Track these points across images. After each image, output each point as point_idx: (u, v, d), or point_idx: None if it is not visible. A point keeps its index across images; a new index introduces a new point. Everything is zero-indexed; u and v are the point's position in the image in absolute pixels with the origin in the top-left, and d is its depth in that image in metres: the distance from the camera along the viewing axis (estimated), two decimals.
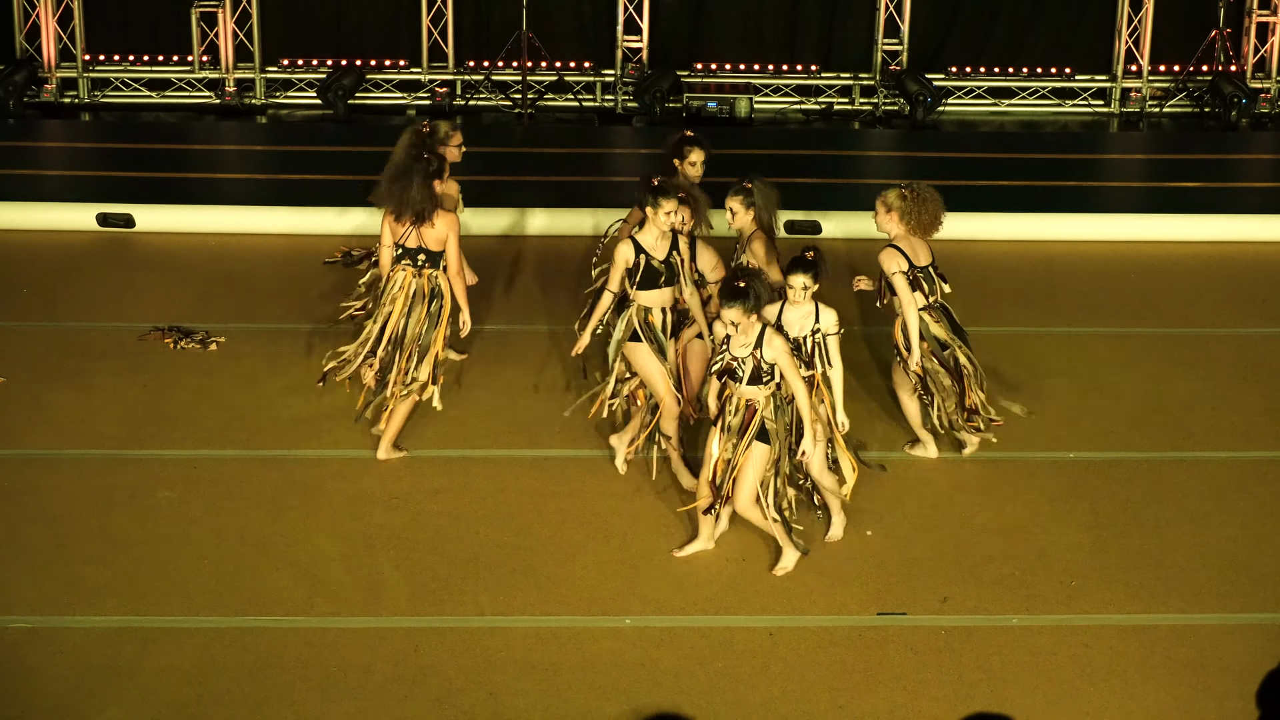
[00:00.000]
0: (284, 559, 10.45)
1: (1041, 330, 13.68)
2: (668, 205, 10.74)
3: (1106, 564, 10.55)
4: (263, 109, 19.35)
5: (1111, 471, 11.61)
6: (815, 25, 19.72)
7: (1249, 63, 19.46)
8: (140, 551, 10.49)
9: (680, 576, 10.33)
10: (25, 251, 14.91)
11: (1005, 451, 11.79)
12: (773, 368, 10.10)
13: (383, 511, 10.97)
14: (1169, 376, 12.97)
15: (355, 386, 11.54)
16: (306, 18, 19.54)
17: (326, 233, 15.25)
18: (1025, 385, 12.68)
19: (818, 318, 10.47)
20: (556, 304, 13.94)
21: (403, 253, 11.16)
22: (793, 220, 15.11)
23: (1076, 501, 11.23)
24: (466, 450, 11.72)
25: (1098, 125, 19.48)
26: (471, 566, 10.41)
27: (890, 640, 9.80)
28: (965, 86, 19.67)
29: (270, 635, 9.72)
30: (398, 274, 11.18)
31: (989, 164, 17.55)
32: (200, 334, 13.23)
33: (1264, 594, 10.28)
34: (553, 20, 19.47)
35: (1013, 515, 11.06)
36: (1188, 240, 15.56)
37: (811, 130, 19.15)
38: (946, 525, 10.94)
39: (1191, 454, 11.87)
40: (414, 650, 9.61)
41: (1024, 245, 15.46)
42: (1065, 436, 12.04)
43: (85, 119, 19.08)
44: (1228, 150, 18.40)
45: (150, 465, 11.47)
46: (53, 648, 9.55)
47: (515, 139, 18.36)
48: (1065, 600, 10.19)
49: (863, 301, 12.97)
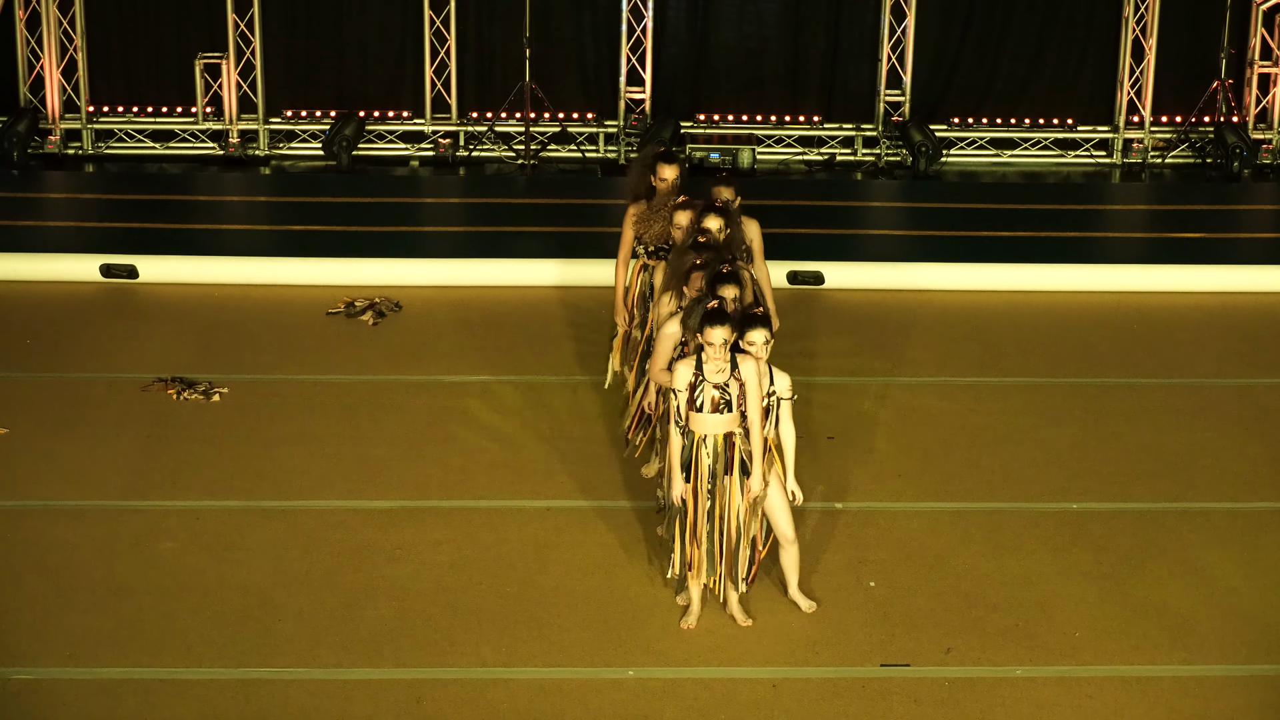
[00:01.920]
0: (286, 610, 10.43)
1: (1044, 380, 13.67)
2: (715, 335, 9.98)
3: (1110, 615, 10.52)
4: (266, 160, 19.40)
5: (1115, 522, 11.59)
6: (817, 76, 19.76)
7: (1251, 113, 19.51)
8: (142, 602, 10.47)
9: (683, 628, 10.31)
10: (28, 302, 14.93)
11: (1008, 502, 11.78)
12: (741, 392, 9.92)
13: (385, 562, 10.96)
14: (1172, 426, 12.96)
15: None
16: (310, 69, 19.60)
17: (330, 283, 15.27)
18: (1028, 435, 12.67)
19: (772, 380, 10.12)
20: (558, 354, 13.94)
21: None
22: (795, 271, 15.13)
23: (1080, 552, 11.21)
24: (469, 501, 11.71)
25: (1100, 176, 19.51)
26: (474, 618, 10.39)
27: (893, 692, 9.78)
28: (967, 137, 19.71)
29: (272, 687, 9.70)
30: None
31: (991, 214, 17.57)
32: (203, 385, 13.23)
33: (1269, 645, 10.25)
34: (556, 71, 19.53)
35: (1016, 566, 11.04)
36: (1190, 290, 15.57)
37: (814, 181, 19.18)
38: (950, 576, 10.91)
39: (1195, 505, 11.86)
40: (416, 702, 9.59)
41: (1026, 295, 15.47)
42: (1068, 487, 12.02)
43: (89, 170, 19.12)
44: (1230, 201, 18.42)
45: (152, 516, 11.46)
46: (54, 699, 9.53)
47: (518, 189, 18.39)
48: (1069, 652, 10.16)
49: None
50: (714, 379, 9.87)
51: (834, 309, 14.12)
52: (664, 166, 11.75)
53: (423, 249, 15.94)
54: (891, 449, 12.22)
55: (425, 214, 17.68)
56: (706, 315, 9.76)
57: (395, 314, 14.66)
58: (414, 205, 17.84)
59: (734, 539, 10.12)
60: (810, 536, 11.06)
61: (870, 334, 14.13)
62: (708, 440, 9.98)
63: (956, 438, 12.66)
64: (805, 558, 10.69)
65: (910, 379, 13.50)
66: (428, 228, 17.02)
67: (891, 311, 14.83)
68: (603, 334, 13.76)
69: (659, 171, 11.76)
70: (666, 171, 11.74)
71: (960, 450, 12.48)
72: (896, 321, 14.63)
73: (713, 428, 9.95)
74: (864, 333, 14.29)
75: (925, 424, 12.76)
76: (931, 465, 12.20)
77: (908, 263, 15.79)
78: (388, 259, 15.54)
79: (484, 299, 14.89)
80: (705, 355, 9.83)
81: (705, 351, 9.81)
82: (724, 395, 9.89)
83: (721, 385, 9.87)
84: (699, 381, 9.89)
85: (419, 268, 15.43)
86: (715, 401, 9.90)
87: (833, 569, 10.87)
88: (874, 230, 17.27)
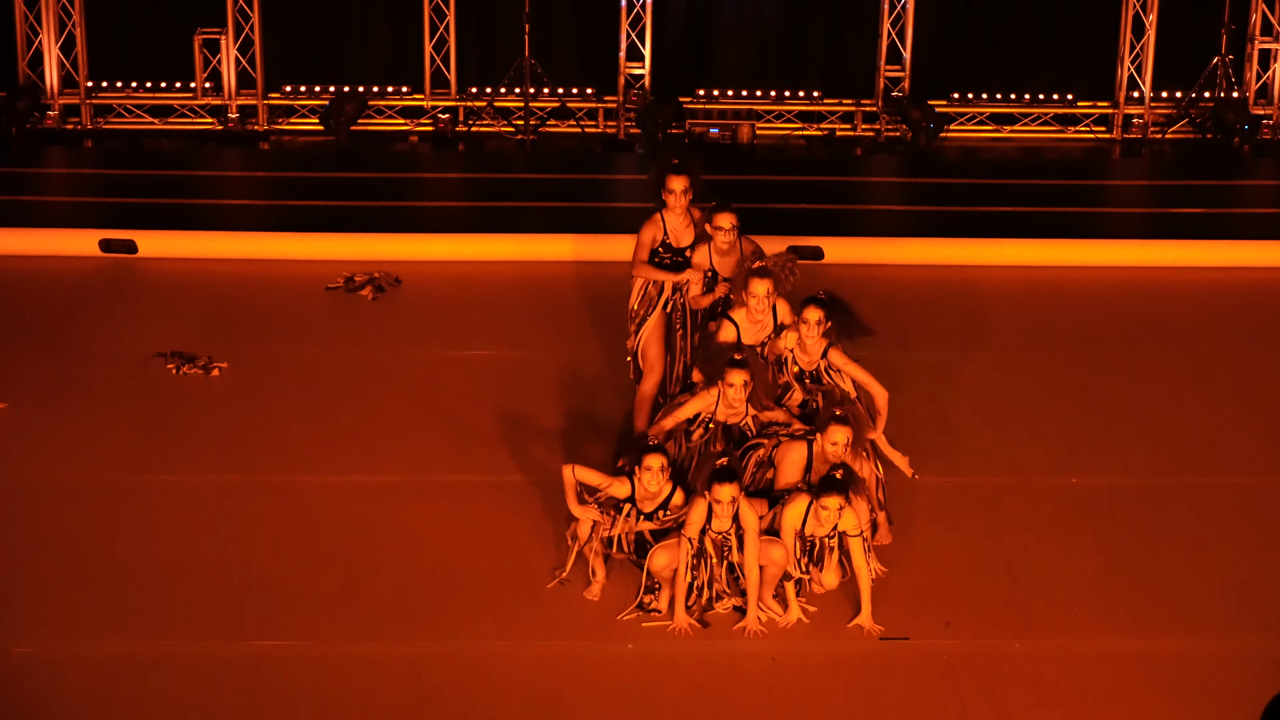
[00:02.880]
0: (285, 585, 10.43)
1: (1043, 356, 13.66)
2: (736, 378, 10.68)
3: (1109, 590, 10.53)
4: (265, 135, 19.37)
5: (1114, 497, 11.60)
6: (818, 52, 19.72)
7: (1251, 89, 19.48)
8: (142, 578, 10.48)
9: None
10: (27, 277, 14.91)
11: (1008, 477, 11.78)
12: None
13: (385, 538, 10.96)
14: (1171, 401, 12.95)
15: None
16: (309, 45, 19.56)
17: (329, 259, 15.25)
18: (1027, 410, 12.67)
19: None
20: (557, 329, 13.93)
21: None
22: (795, 246, 15.10)
23: (1079, 527, 11.21)
24: (469, 476, 11.71)
25: (1100, 152, 19.48)
26: (474, 593, 10.39)
27: (893, 666, 9.79)
28: (968, 113, 19.68)
29: (273, 662, 9.71)
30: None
31: (991, 190, 17.54)
32: (202, 360, 13.22)
33: (1268, 620, 10.26)
34: (555, 47, 19.49)
35: (1015, 541, 11.05)
36: (1190, 266, 15.56)
37: (814, 156, 19.15)
38: (949, 551, 10.92)
39: (1195, 480, 11.86)
40: (416, 677, 9.60)
41: (1026, 271, 15.45)
42: (1068, 462, 12.02)
43: (88, 145, 19.09)
44: (1230, 176, 18.40)
45: (152, 491, 11.46)
46: (55, 675, 9.54)
47: (518, 165, 18.37)
48: (1068, 626, 10.17)
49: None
50: (717, 527, 10.07)
51: (833, 284, 14.08)
52: (673, 179, 11.57)
53: (422, 224, 15.92)
54: (889, 424, 12.20)
55: (424, 189, 17.66)
56: (715, 473, 9.99)
57: (394, 289, 14.65)
58: (413, 181, 17.81)
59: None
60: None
61: (869, 309, 14.06)
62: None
63: (955, 413, 12.65)
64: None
65: (908, 354, 13.49)
66: (427, 203, 16.99)
67: (890, 287, 14.81)
68: (603, 308, 13.80)
69: (668, 183, 11.58)
70: (675, 183, 11.57)
71: (959, 426, 12.47)
72: (895, 297, 14.62)
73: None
74: (863, 308, 14.24)
75: (923, 399, 12.75)
76: (930, 441, 12.18)
77: (907, 238, 15.77)
78: (387, 234, 15.52)
79: (483, 274, 14.88)
80: (715, 513, 10.02)
81: (714, 510, 10.01)
82: (725, 541, 10.07)
83: (724, 533, 10.09)
84: (705, 529, 10.07)
85: (418, 243, 15.41)
86: (718, 542, 10.11)
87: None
88: (873, 206, 17.25)
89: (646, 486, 10.17)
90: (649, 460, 10.13)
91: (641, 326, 11.80)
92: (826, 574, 10.19)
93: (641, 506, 10.25)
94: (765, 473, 10.60)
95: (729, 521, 9.99)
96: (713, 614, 10.14)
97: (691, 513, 10.01)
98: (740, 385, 10.65)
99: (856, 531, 10.13)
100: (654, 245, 11.74)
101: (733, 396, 10.69)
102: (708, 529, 9.99)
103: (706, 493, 9.95)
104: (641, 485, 10.18)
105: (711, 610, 10.15)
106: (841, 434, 10.27)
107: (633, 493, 10.24)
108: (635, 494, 10.23)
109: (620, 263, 12.37)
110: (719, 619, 10.14)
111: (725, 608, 10.16)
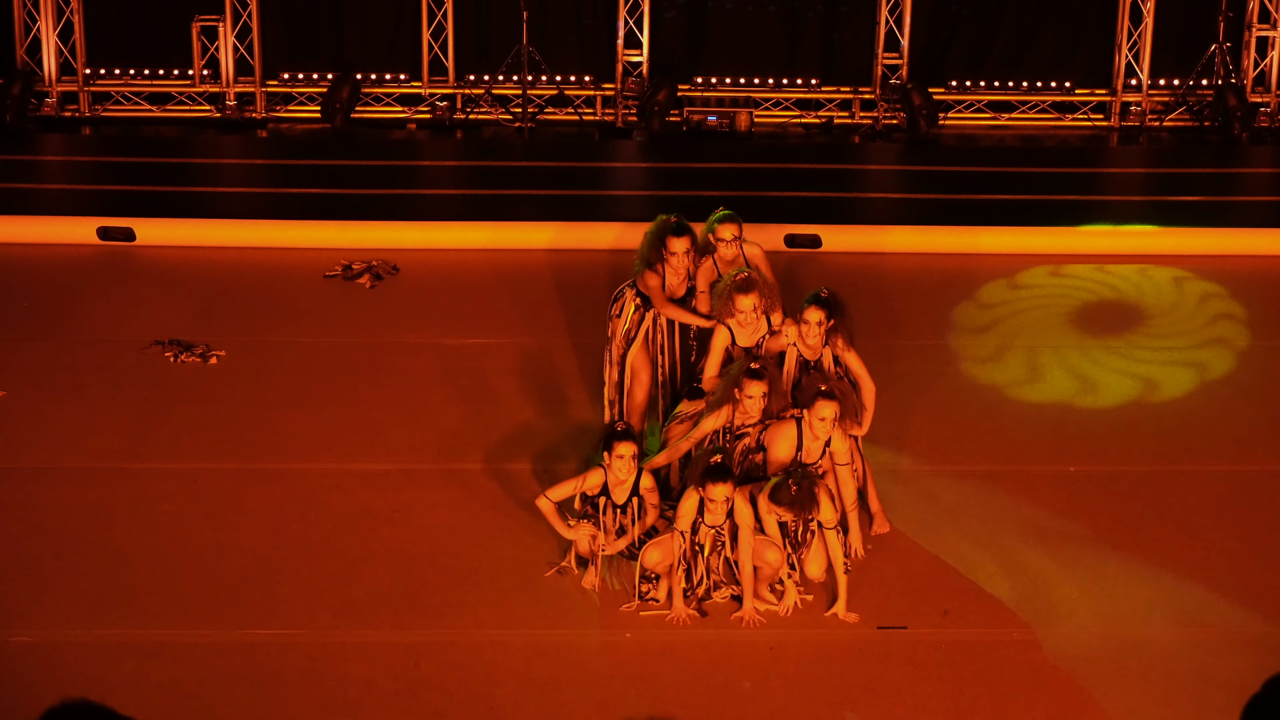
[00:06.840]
0: (283, 572, 10.44)
1: (1040, 343, 13.66)
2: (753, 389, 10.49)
3: (1106, 577, 10.54)
4: (263, 123, 19.36)
5: (1111, 485, 11.60)
6: (815, 39, 19.70)
7: (1249, 77, 19.47)
8: (140, 565, 10.49)
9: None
10: (25, 265, 14.90)
11: (1005, 465, 11.79)
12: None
13: (383, 525, 10.97)
14: (1168, 389, 12.96)
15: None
16: (306, 32, 19.53)
17: (327, 246, 15.25)
18: (1024, 398, 12.68)
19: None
20: (555, 317, 13.93)
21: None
22: (792, 234, 15.11)
23: (1076, 515, 11.22)
24: (466, 464, 11.72)
25: (1098, 139, 19.47)
26: (471, 580, 10.40)
27: (891, 654, 9.80)
28: (965, 100, 19.67)
29: (270, 649, 9.72)
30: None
31: (989, 178, 17.54)
32: (200, 347, 13.23)
33: (1265, 607, 10.28)
34: (553, 34, 19.46)
35: (1013, 528, 11.06)
36: (1187, 254, 15.54)
37: (812, 144, 19.14)
38: (947, 539, 10.93)
39: (1192, 467, 11.87)
40: (414, 664, 9.61)
41: (1023, 258, 15.44)
42: (1064, 450, 12.03)
43: (85, 132, 19.08)
44: (1227, 164, 18.39)
45: (150, 479, 11.47)
46: (53, 661, 9.55)
47: (516, 153, 18.36)
48: (1066, 614, 10.18)
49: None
50: (710, 521, 10.06)
51: (831, 272, 14.08)
52: (673, 240, 11.34)
53: (420, 212, 15.91)
54: (887, 413, 12.21)
55: (422, 177, 17.65)
56: (708, 471, 9.94)
57: (392, 277, 14.64)
58: (411, 168, 17.81)
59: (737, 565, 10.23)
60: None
61: (867, 297, 14.09)
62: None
63: (953, 401, 12.66)
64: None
65: (906, 342, 13.50)
66: (425, 190, 16.99)
67: (888, 275, 14.81)
68: (600, 295, 13.78)
69: (669, 245, 11.34)
70: (676, 245, 11.34)
71: (956, 414, 12.48)
72: (893, 285, 14.62)
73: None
74: (861, 296, 14.24)
75: (921, 387, 12.76)
76: (928, 429, 12.20)
77: (905, 226, 15.77)
78: (385, 222, 15.51)
79: (481, 262, 14.87)
80: (706, 508, 9.99)
81: (707, 505, 9.98)
82: (719, 537, 10.07)
83: (716, 527, 10.09)
84: (697, 523, 10.05)
85: (416, 230, 15.41)
86: (712, 539, 10.11)
87: None
88: (871, 193, 17.24)
89: (617, 474, 10.18)
90: (620, 448, 10.11)
91: (630, 347, 11.63)
92: (810, 565, 10.20)
93: (614, 495, 10.25)
94: (754, 456, 10.57)
95: (723, 517, 9.99)
96: (710, 603, 10.16)
97: (682, 505, 10.01)
98: (759, 397, 10.43)
99: (832, 524, 10.14)
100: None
101: (750, 408, 10.50)
102: (700, 522, 10.00)
103: (699, 489, 9.95)
104: (613, 473, 10.18)
105: (709, 600, 10.17)
106: (829, 408, 10.23)
107: (605, 482, 10.24)
108: (608, 481, 10.24)
109: (618, 250, 12.37)
110: (717, 608, 10.15)
111: (723, 597, 10.18)
